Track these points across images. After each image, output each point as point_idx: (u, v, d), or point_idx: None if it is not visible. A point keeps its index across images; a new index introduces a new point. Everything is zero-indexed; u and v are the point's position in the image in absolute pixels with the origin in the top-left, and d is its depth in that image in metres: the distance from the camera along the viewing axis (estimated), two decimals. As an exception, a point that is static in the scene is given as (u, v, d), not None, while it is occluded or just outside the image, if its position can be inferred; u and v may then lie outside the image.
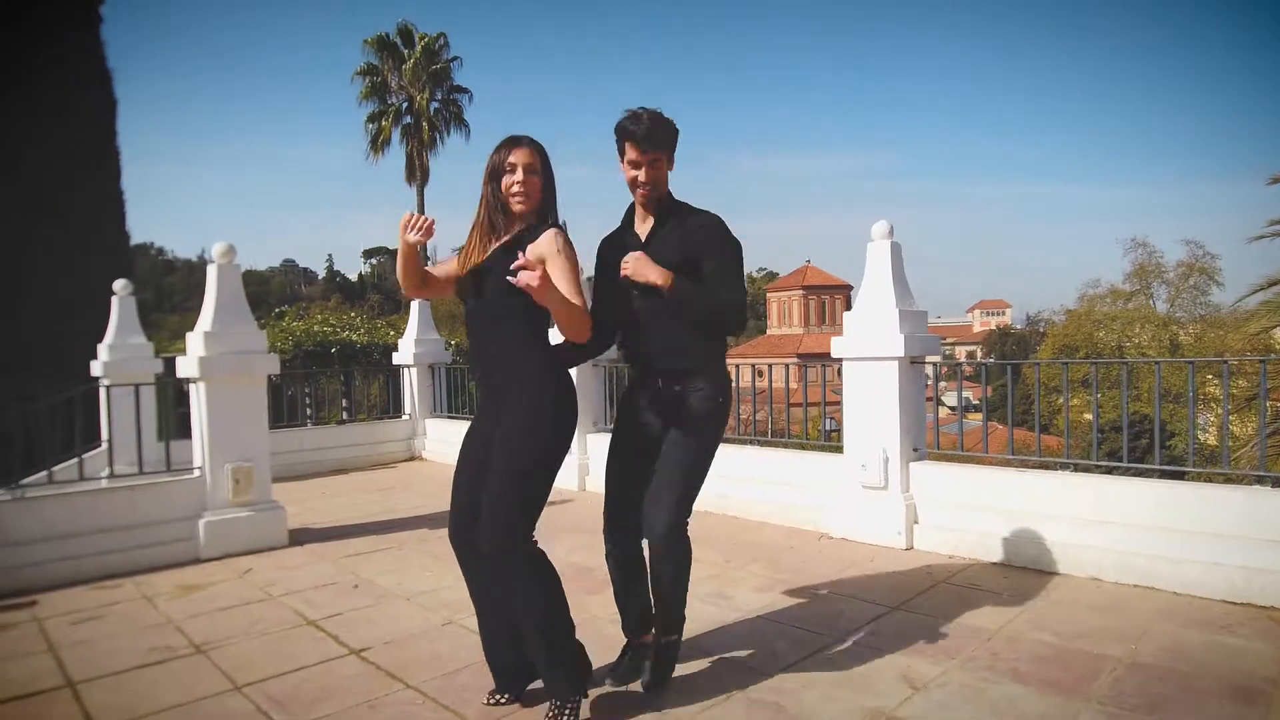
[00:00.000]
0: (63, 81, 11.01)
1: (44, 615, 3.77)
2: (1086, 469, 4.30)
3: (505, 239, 2.54)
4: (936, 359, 4.84)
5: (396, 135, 28.42)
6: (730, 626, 3.39)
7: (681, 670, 2.91)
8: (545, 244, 2.49)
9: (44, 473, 4.55)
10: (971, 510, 4.35)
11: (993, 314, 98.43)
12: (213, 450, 4.72)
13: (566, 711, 2.43)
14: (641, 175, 2.69)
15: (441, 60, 28.77)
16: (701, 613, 3.52)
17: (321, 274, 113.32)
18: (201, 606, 3.86)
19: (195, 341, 4.76)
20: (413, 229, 2.47)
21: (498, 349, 2.52)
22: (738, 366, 6.11)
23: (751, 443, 5.73)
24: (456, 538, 2.60)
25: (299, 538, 5.07)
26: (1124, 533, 3.84)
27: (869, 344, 4.60)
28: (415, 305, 8.81)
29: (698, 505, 4.83)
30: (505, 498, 2.40)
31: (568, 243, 2.53)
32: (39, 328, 9.80)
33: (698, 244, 2.70)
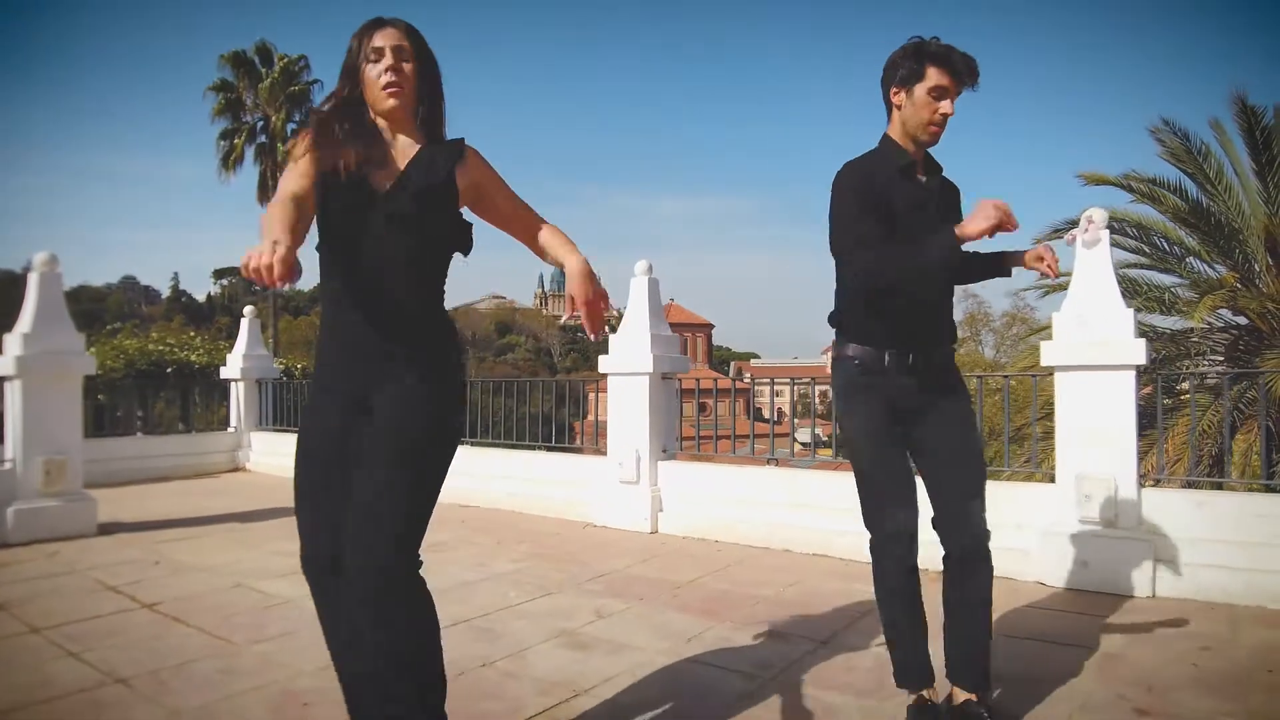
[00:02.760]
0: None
1: None
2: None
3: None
4: (684, 374, 5.80)
5: (250, 155, 27.97)
6: (476, 584, 4.14)
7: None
8: (475, 161, 2.03)
9: None
10: (705, 500, 5.28)
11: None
12: (26, 443, 5.08)
13: None
14: (947, 108, 2.26)
15: (301, 82, 28.59)
16: (457, 576, 4.25)
17: (166, 292, 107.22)
18: (6, 578, 4.25)
19: (13, 341, 5.13)
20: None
21: (412, 301, 1.93)
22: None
23: (537, 448, 6.53)
24: (317, 564, 1.96)
25: (109, 529, 5.44)
26: (815, 514, 4.85)
27: (628, 362, 5.50)
28: (244, 321, 9.16)
29: (486, 502, 5.47)
30: (399, 499, 1.88)
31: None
32: None
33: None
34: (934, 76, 2.23)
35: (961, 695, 2.36)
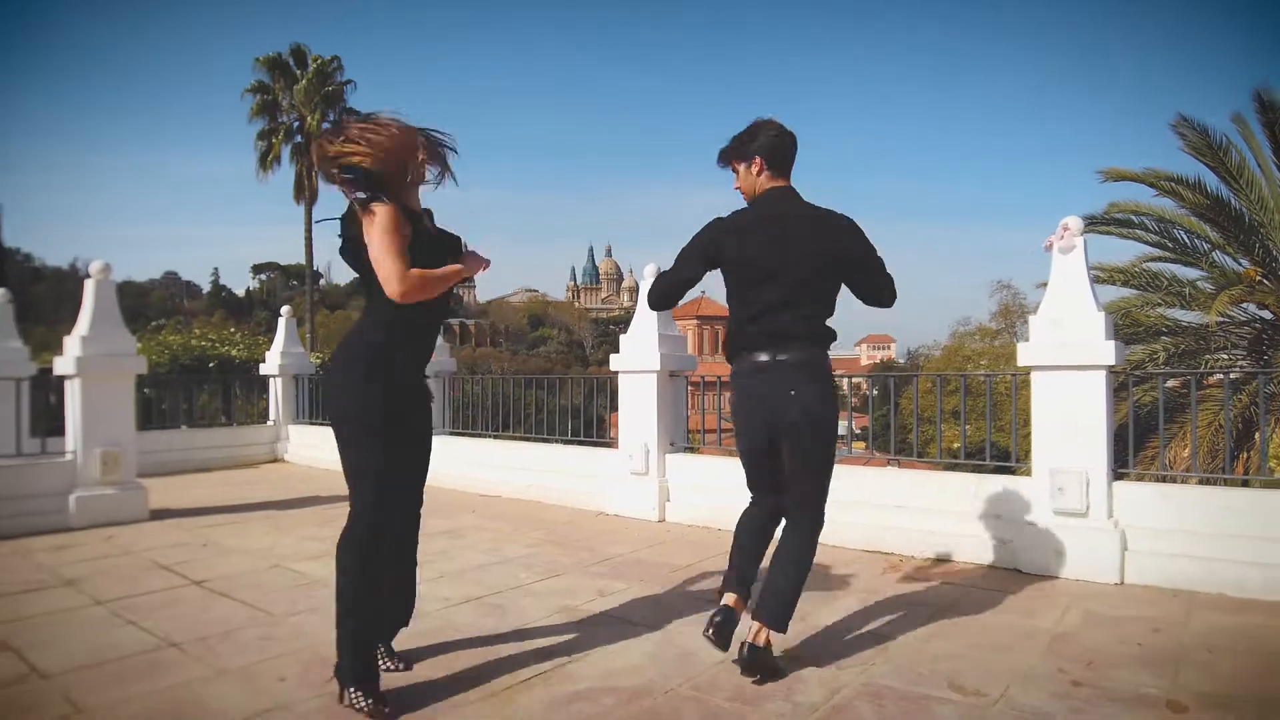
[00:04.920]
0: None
1: (-69, 565, 4.55)
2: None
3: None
4: (691, 372, 6.12)
5: (286, 154, 28.75)
6: (490, 566, 4.50)
7: (443, 587, 4.00)
8: None
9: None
10: (708, 490, 5.60)
11: (879, 348, 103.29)
12: (85, 436, 5.55)
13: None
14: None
15: (335, 82, 29.31)
16: (474, 559, 4.63)
17: (206, 288, 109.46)
18: (70, 559, 4.70)
19: (72, 343, 5.60)
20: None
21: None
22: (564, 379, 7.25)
23: (555, 441, 6.90)
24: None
25: (159, 515, 5.91)
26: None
27: (637, 360, 5.84)
28: (282, 320, 9.65)
29: (509, 492, 5.81)
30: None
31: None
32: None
33: None
34: None
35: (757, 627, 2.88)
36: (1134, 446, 6.93)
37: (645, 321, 5.88)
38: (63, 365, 5.59)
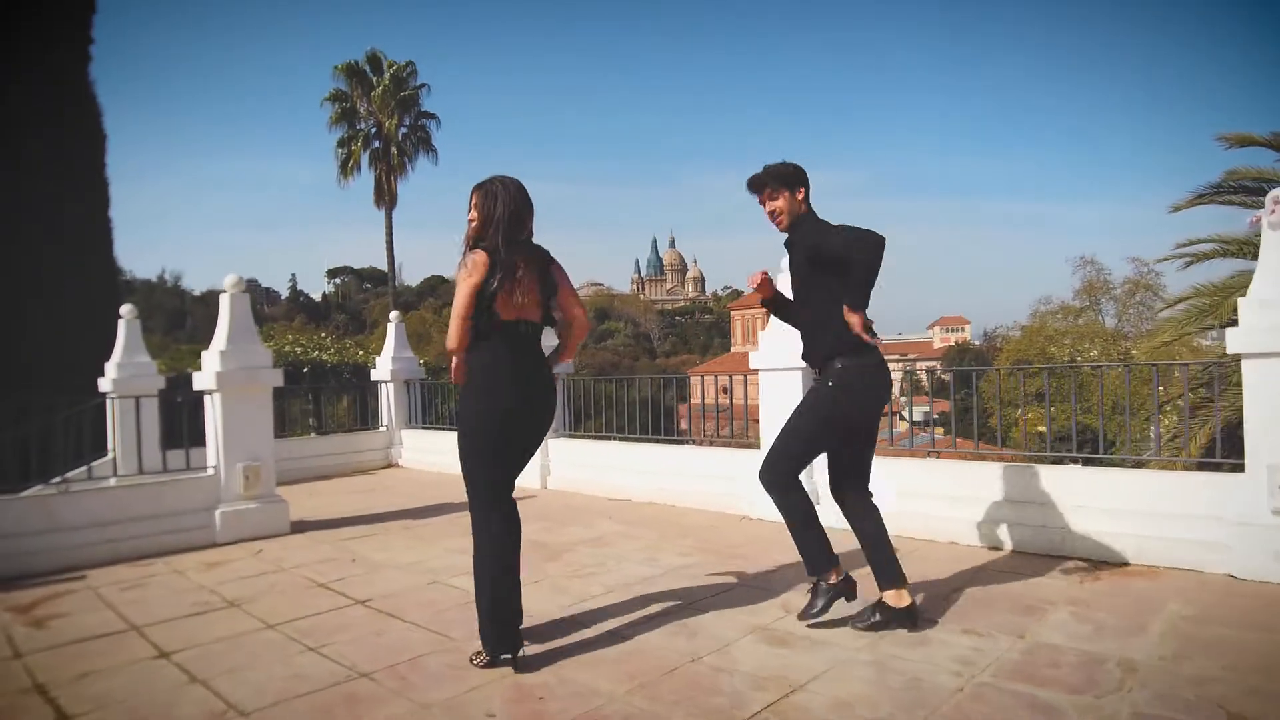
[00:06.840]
0: (55, 115, 11.68)
1: (95, 585, 4.55)
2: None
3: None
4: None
5: (365, 159, 29.22)
6: (655, 578, 4.30)
7: (615, 602, 3.82)
8: None
9: (84, 469, 5.35)
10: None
11: (952, 330, 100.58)
12: (227, 451, 5.54)
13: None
14: (765, 208, 3.54)
15: (410, 87, 29.67)
16: (635, 571, 4.43)
17: (285, 294, 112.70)
18: (226, 576, 4.67)
19: (211, 358, 5.59)
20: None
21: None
22: (701, 378, 7.05)
23: (687, 443, 6.68)
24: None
25: (299, 527, 5.88)
26: (975, 506, 4.83)
27: (779, 358, 5.56)
28: (391, 326, 9.66)
29: (640, 495, 5.61)
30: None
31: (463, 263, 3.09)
32: (32, 349, 10.45)
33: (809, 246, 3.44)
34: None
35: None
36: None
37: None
38: (203, 380, 5.59)
